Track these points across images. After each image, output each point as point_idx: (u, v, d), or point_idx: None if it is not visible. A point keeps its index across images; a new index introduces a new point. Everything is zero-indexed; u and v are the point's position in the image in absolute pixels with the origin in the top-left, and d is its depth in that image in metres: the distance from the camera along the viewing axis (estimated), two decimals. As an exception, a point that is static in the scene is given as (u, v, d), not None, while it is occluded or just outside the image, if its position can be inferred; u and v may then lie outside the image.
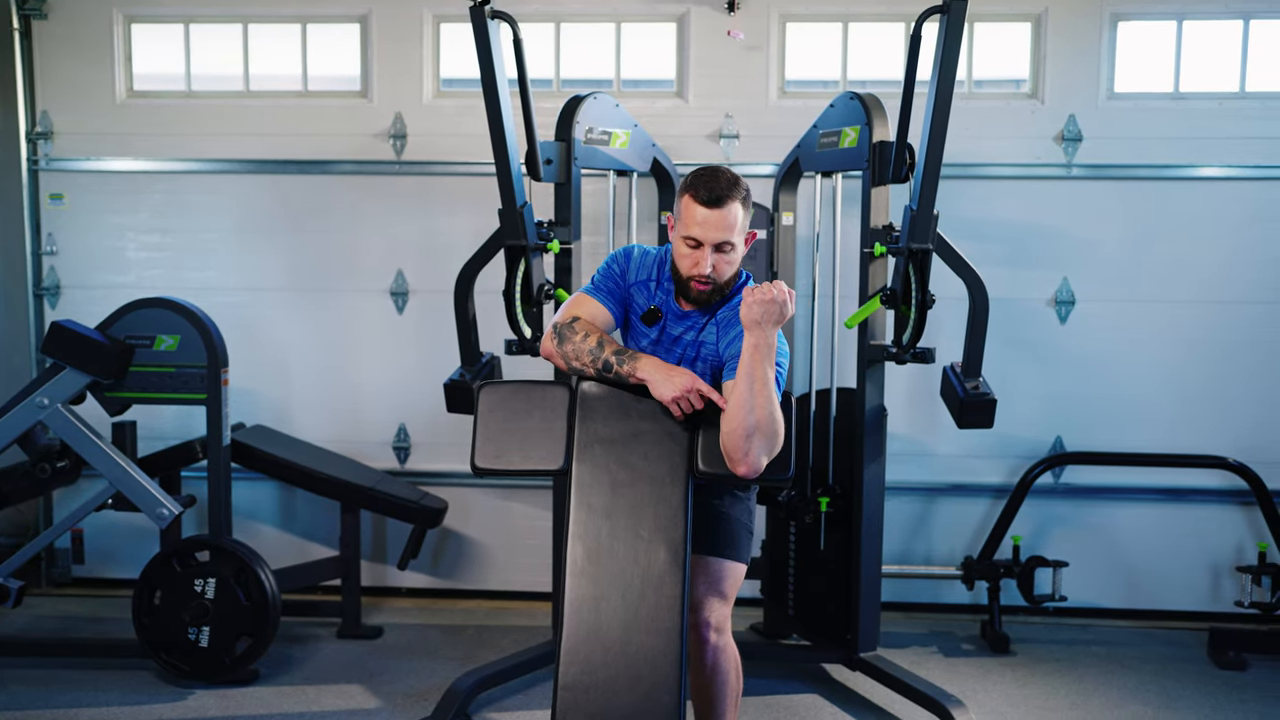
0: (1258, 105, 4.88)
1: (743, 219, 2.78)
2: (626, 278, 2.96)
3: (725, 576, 2.94)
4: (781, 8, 4.97)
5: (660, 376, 2.73)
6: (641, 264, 2.96)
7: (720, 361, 2.87)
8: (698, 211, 2.74)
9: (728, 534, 2.96)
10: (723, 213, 2.73)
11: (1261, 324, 4.91)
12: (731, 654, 2.94)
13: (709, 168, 2.81)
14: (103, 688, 4.10)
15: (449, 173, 5.06)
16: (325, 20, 5.14)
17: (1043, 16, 4.91)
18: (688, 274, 2.81)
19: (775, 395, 2.66)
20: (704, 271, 2.77)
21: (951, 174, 4.43)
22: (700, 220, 2.74)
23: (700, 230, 2.75)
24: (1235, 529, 4.97)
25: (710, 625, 2.89)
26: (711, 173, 2.78)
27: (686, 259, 2.80)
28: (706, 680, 2.92)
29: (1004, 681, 4.30)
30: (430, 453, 5.16)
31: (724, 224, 2.74)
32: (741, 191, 2.77)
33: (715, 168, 2.80)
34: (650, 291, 2.94)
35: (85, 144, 5.18)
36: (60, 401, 4.10)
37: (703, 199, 2.74)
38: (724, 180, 2.76)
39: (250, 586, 4.10)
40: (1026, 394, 4.89)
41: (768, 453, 2.67)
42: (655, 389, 2.72)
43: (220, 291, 5.06)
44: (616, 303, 2.94)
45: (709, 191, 2.74)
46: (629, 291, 2.96)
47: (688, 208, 2.76)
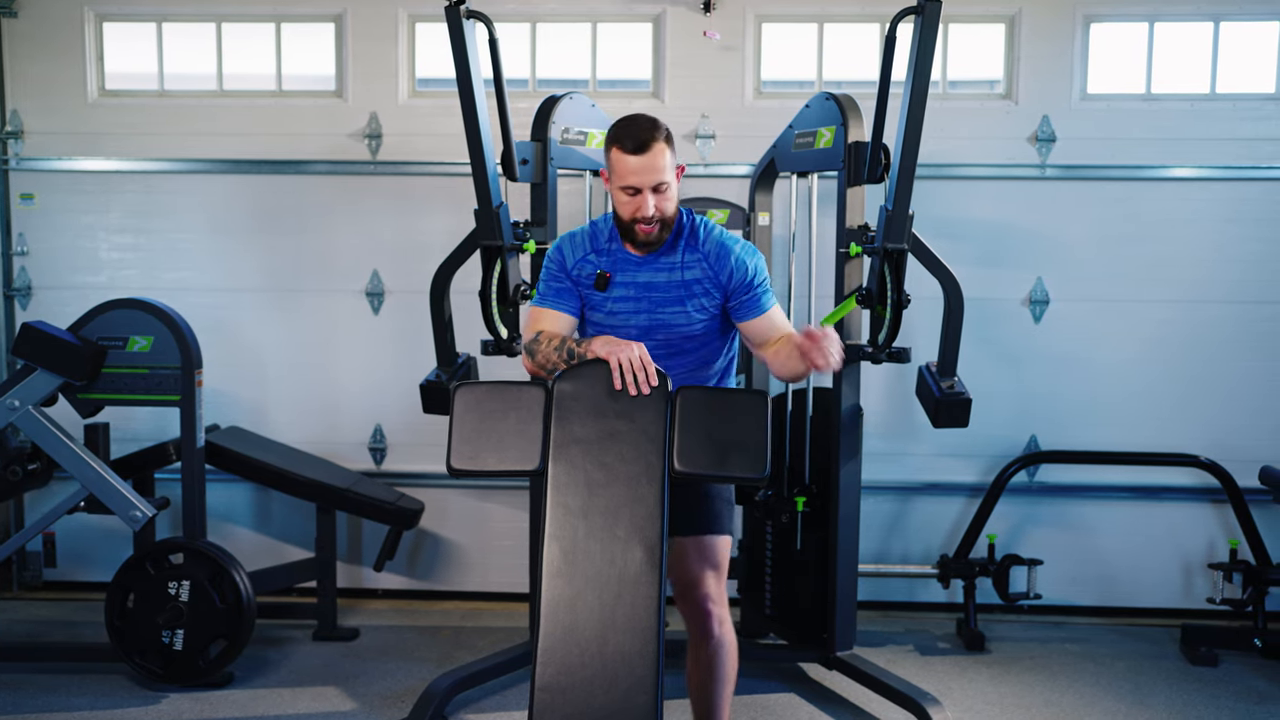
0: (1228, 107, 4.93)
1: (669, 157, 2.88)
2: (566, 268, 3.04)
3: (716, 550, 3.04)
4: (757, 8, 4.98)
5: (605, 341, 2.80)
6: (573, 246, 3.05)
7: (725, 294, 2.98)
8: (629, 160, 2.85)
9: (710, 511, 3.05)
10: (651, 156, 2.85)
11: (1233, 323, 4.95)
12: (729, 625, 3.03)
13: (627, 117, 2.92)
14: (75, 692, 4.07)
15: (425, 173, 5.05)
16: (299, 19, 5.12)
17: (1016, 18, 4.94)
18: (632, 218, 2.91)
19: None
20: (648, 214, 2.88)
21: (926, 174, 4.45)
22: (633, 169, 2.85)
23: (635, 178, 2.86)
24: (1207, 526, 5.01)
25: (710, 598, 2.99)
26: (630, 120, 2.89)
27: (628, 205, 2.90)
28: (711, 653, 3.00)
29: (980, 679, 4.32)
30: (406, 454, 5.15)
31: (655, 166, 2.85)
32: (663, 131, 2.89)
33: (633, 116, 2.92)
34: (594, 263, 3.02)
35: (56, 143, 5.14)
36: (31, 403, 4.07)
37: (630, 148, 2.85)
38: (645, 125, 2.87)
39: (225, 589, 4.08)
40: (1001, 393, 4.92)
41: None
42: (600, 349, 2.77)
43: (194, 292, 5.03)
44: (568, 298, 3.03)
45: (633, 140, 2.85)
46: (575, 279, 3.03)
47: (618, 160, 2.87)
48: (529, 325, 3.06)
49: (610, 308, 3.01)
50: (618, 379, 2.71)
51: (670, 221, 2.95)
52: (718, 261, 2.97)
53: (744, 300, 2.99)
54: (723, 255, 2.98)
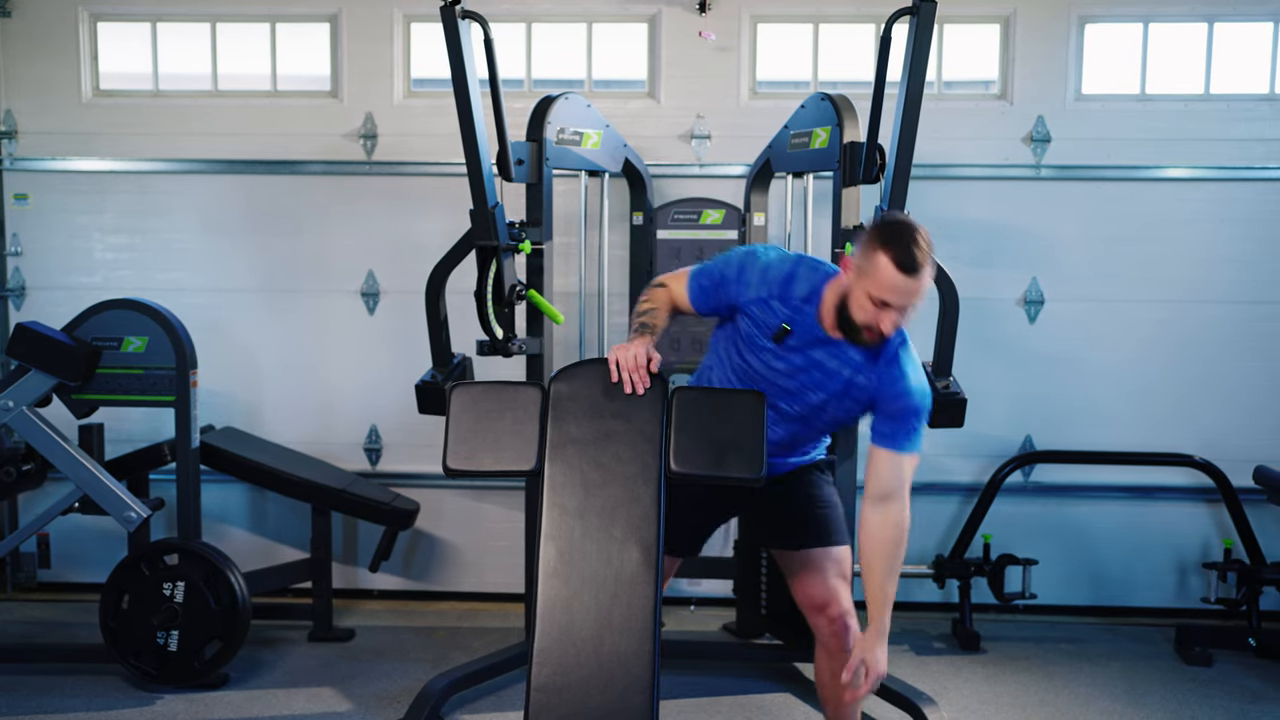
0: (1222, 107, 4.94)
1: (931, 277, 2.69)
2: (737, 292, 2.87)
3: (845, 561, 3.04)
4: (752, 9, 4.98)
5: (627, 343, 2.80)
6: (762, 281, 2.85)
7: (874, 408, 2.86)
8: (894, 276, 2.61)
9: (835, 520, 3.06)
10: (920, 279, 2.63)
11: (1228, 324, 4.96)
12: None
13: (905, 226, 2.66)
14: (69, 693, 4.06)
15: (420, 173, 5.04)
16: (294, 19, 5.11)
17: (1011, 18, 4.94)
18: (864, 324, 2.70)
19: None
20: (886, 330, 2.70)
21: (922, 174, 4.45)
22: (894, 286, 2.62)
23: (895, 296, 2.64)
24: (1201, 526, 5.02)
25: (848, 613, 2.99)
26: (909, 235, 2.64)
27: (867, 312, 2.68)
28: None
29: (975, 679, 4.33)
30: (402, 454, 5.14)
31: (918, 290, 2.65)
32: (934, 253, 2.68)
33: (911, 227, 2.66)
34: (773, 309, 2.84)
35: (51, 143, 5.12)
36: (25, 404, 4.06)
37: (902, 263, 2.61)
38: (923, 244, 2.64)
39: (220, 590, 4.07)
40: (996, 393, 4.93)
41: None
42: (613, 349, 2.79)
43: (189, 292, 5.02)
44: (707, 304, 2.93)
45: (909, 257, 2.61)
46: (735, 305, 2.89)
47: (882, 268, 2.62)
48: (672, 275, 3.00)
49: (767, 359, 2.88)
50: (614, 373, 2.73)
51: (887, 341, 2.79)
52: (887, 382, 2.82)
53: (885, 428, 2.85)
54: (895, 378, 2.81)
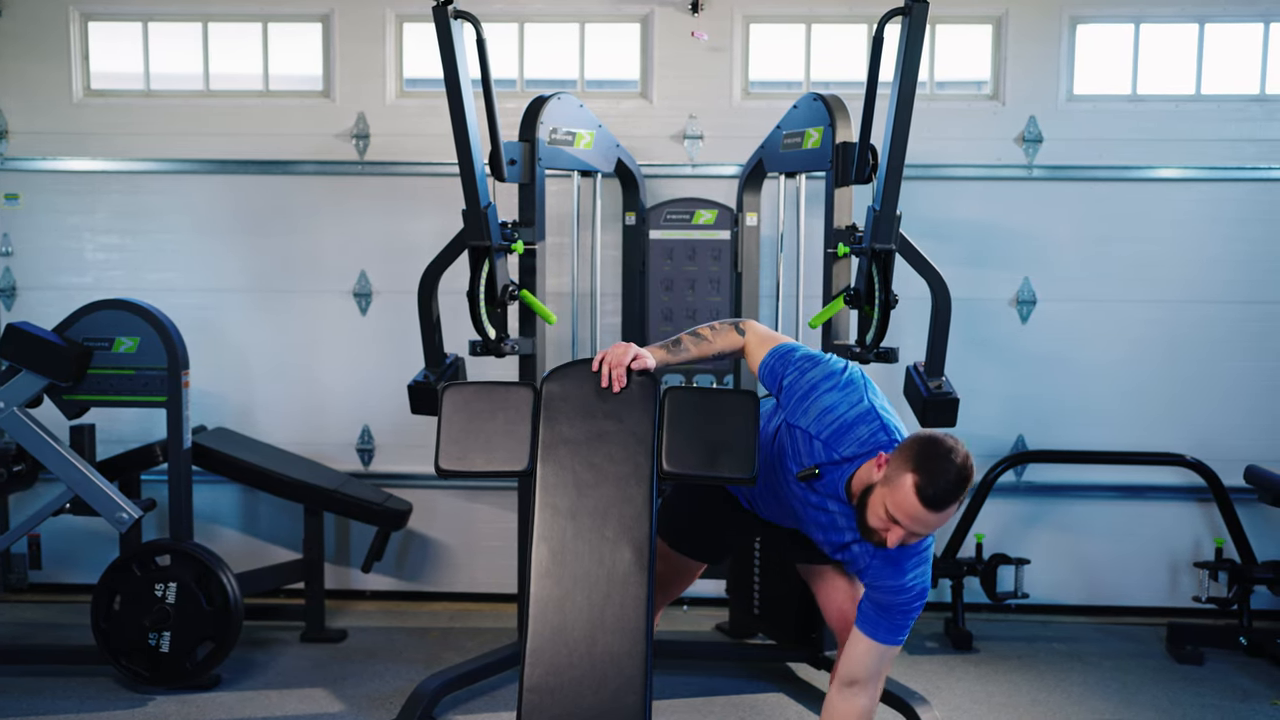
0: (1213, 107, 4.95)
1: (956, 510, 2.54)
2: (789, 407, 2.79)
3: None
4: (745, 9, 4.99)
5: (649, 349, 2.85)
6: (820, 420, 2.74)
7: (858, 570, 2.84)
8: (913, 504, 2.48)
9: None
10: (941, 515, 2.50)
11: (1219, 324, 4.98)
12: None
13: (942, 453, 2.47)
14: (60, 695, 4.05)
15: (412, 173, 5.04)
16: (286, 19, 5.10)
17: (1003, 19, 4.95)
18: (874, 528, 2.61)
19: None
20: (890, 545, 2.59)
21: (914, 175, 4.45)
22: (911, 513, 2.49)
23: (908, 522, 2.52)
24: (1193, 525, 5.04)
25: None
26: (944, 465, 2.46)
27: (880, 520, 2.58)
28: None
29: (967, 678, 4.33)
30: (394, 454, 5.13)
31: (935, 523, 2.53)
32: (967, 487, 2.49)
33: (948, 456, 2.47)
34: (814, 449, 2.75)
35: (42, 143, 5.11)
36: (16, 405, 4.05)
37: (926, 496, 2.46)
38: (956, 481, 2.46)
39: (212, 591, 4.06)
40: (989, 393, 4.93)
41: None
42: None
43: (181, 293, 5.01)
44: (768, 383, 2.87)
45: (935, 491, 2.46)
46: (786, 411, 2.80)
47: (904, 490, 2.48)
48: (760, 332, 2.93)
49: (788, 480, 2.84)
50: (596, 365, 2.77)
51: None
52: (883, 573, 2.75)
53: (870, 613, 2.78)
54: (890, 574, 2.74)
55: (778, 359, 2.86)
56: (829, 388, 2.76)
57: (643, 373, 2.80)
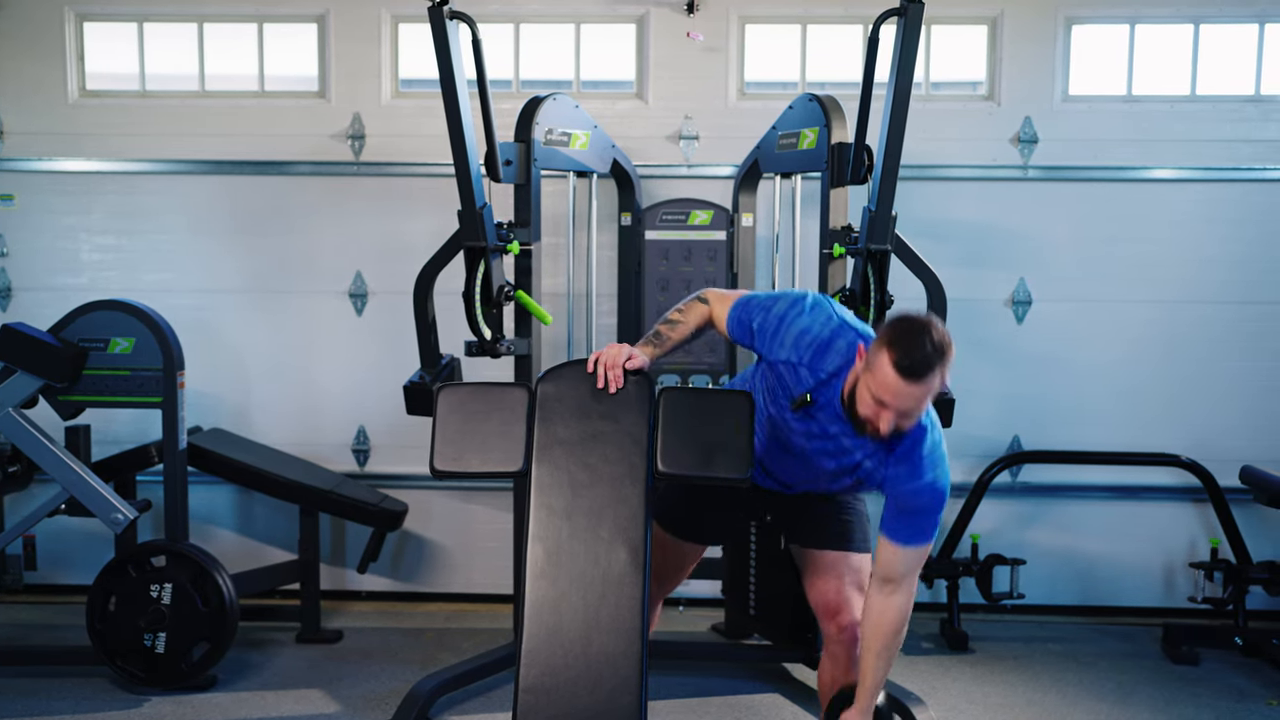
0: (1208, 108, 4.96)
1: (939, 383, 2.51)
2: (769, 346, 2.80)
3: (864, 570, 3.00)
4: (741, 9, 4.99)
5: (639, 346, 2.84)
6: (796, 346, 2.75)
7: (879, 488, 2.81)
8: (892, 379, 2.48)
9: (857, 527, 3.04)
10: (919, 386, 2.48)
11: (1214, 324, 4.98)
12: None
13: (915, 327, 2.50)
14: (56, 696, 4.04)
15: (408, 174, 5.04)
16: (282, 20, 5.10)
17: (999, 19, 4.96)
18: (864, 418, 2.60)
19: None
20: (883, 430, 2.58)
21: (910, 175, 4.46)
22: (892, 388, 2.49)
23: (892, 399, 2.51)
24: (1188, 526, 5.04)
25: (858, 623, 2.92)
26: (918, 337, 2.48)
27: (868, 407, 2.57)
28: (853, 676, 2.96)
29: (963, 679, 4.34)
30: (390, 455, 5.13)
31: (918, 397, 2.51)
32: (945, 359, 2.49)
33: (922, 329, 2.49)
34: (800, 377, 2.76)
35: (37, 144, 5.10)
36: (11, 405, 4.04)
37: (904, 369, 2.47)
38: (931, 349, 2.47)
39: (207, 591, 4.06)
40: (984, 393, 4.93)
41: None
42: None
43: (176, 293, 5.01)
44: (740, 336, 2.88)
45: (910, 362, 2.46)
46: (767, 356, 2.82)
47: (882, 367, 2.49)
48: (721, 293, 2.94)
49: (786, 417, 2.83)
50: (591, 366, 2.77)
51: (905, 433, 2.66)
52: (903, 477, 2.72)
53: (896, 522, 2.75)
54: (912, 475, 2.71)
55: (741, 308, 2.90)
56: (796, 314, 2.79)
57: (637, 372, 2.80)
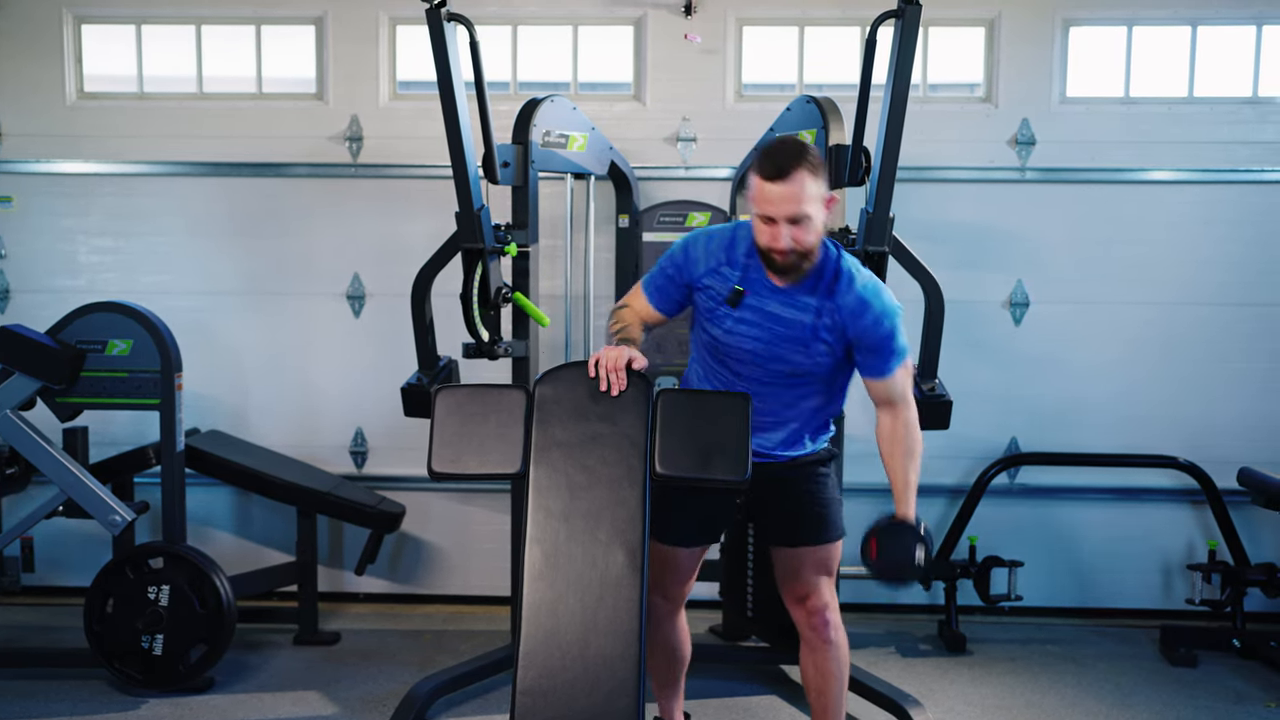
0: (1205, 110, 4.96)
1: (813, 186, 2.69)
2: (689, 272, 2.92)
3: (832, 558, 3.07)
4: (738, 11, 4.99)
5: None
6: (707, 252, 2.91)
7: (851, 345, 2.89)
8: (765, 188, 2.69)
9: (821, 518, 3.07)
10: (789, 185, 2.67)
11: (1211, 326, 4.99)
12: (842, 629, 3.05)
13: (775, 140, 2.74)
14: (53, 698, 4.04)
15: (406, 175, 5.04)
16: (280, 22, 5.10)
17: (996, 21, 4.96)
18: (766, 247, 2.77)
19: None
20: (782, 246, 2.73)
21: (907, 177, 4.44)
22: (769, 197, 2.69)
23: (770, 207, 2.69)
24: (1186, 528, 5.04)
25: (830, 607, 3.02)
26: (776, 145, 2.73)
27: (764, 234, 2.75)
28: (830, 658, 3.03)
29: (961, 681, 4.34)
30: (387, 457, 5.13)
31: (792, 196, 2.68)
32: (809, 159, 2.69)
33: (782, 139, 2.73)
34: (724, 275, 2.88)
35: (34, 145, 5.10)
36: (9, 407, 4.04)
37: (768, 174, 2.68)
38: (788, 151, 2.70)
39: (205, 593, 4.06)
40: (982, 395, 4.94)
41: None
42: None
43: (174, 295, 5.00)
44: (671, 298, 2.97)
45: (773, 165, 2.68)
46: (694, 284, 2.92)
47: (756, 185, 2.71)
48: (629, 294, 3.06)
49: (729, 326, 2.90)
50: (592, 369, 2.75)
51: (810, 254, 2.78)
52: (853, 317, 2.84)
53: (869, 361, 2.90)
54: (860, 312, 2.84)
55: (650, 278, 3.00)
56: (695, 236, 2.95)
57: (637, 373, 2.79)
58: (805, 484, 3.08)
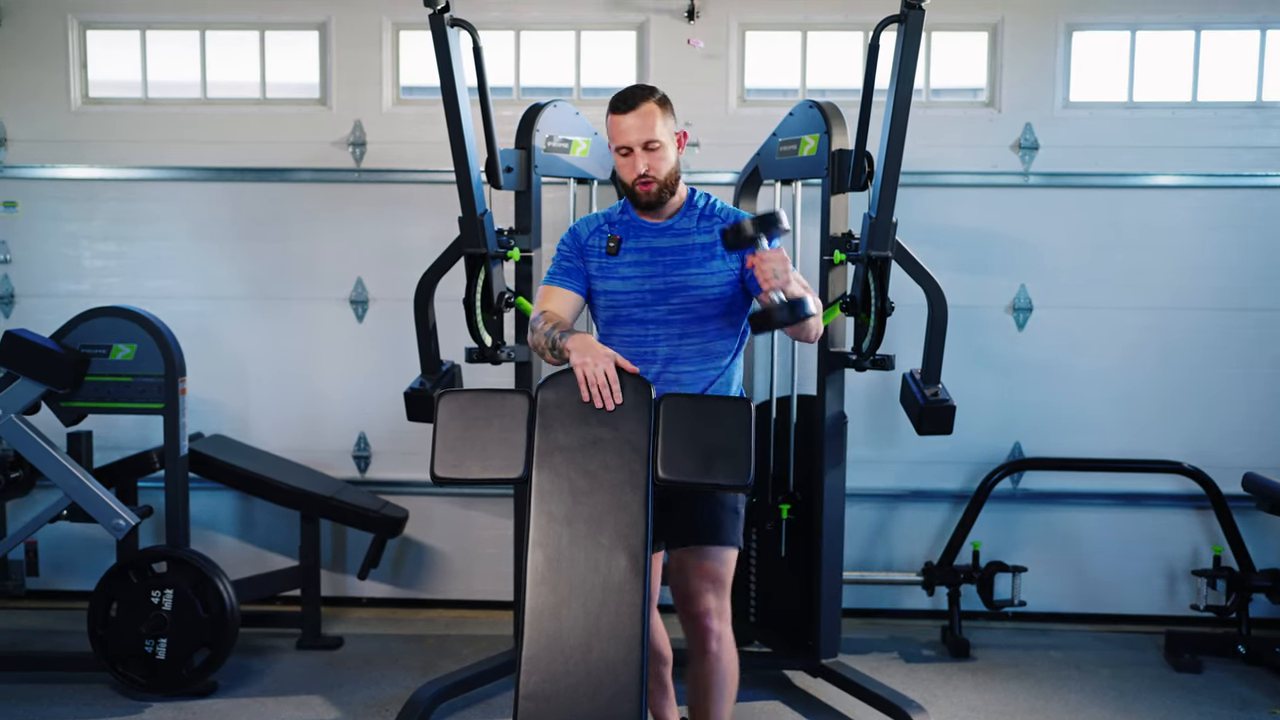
0: (1210, 115, 4.96)
1: (661, 118, 2.90)
2: (579, 244, 3.05)
3: (718, 562, 2.96)
4: (741, 16, 5.00)
5: (579, 346, 2.75)
6: (587, 223, 3.08)
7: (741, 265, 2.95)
8: (618, 120, 2.90)
9: (715, 520, 2.97)
10: (638, 113, 2.88)
11: (1216, 330, 4.98)
12: (730, 642, 2.98)
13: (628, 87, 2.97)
14: (57, 702, 4.05)
15: (409, 180, 5.05)
16: (284, 27, 5.11)
17: (999, 26, 4.96)
18: (630, 181, 2.93)
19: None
20: (640, 171, 2.90)
21: (910, 182, 4.45)
22: (623, 128, 2.89)
23: (624, 137, 2.89)
24: (1190, 533, 5.03)
25: (710, 614, 2.93)
26: (626, 88, 2.96)
27: (625, 167, 2.93)
28: (709, 669, 2.95)
29: (964, 686, 4.33)
30: (390, 461, 5.13)
31: (643, 124, 2.88)
32: (656, 95, 2.92)
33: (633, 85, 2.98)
34: (604, 233, 3.04)
35: (40, 151, 5.12)
36: (13, 412, 4.05)
37: (618, 108, 2.90)
38: (637, 89, 2.94)
39: (208, 597, 4.06)
40: (985, 400, 4.93)
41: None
42: (572, 358, 2.74)
43: (178, 300, 5.01)
44: (575, 276, 3.03)
45: (622, 100, 2.91)
46: (585, 254, 3.04)
47: (611, 123, 2.91)
48: (536, 303, 3.08)
49: (623, 273, 2.97)
50: (584, 392, 2.70)
51: (670, 184, 2.94)
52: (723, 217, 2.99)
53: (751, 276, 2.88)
54: (728, 214, 3.01)
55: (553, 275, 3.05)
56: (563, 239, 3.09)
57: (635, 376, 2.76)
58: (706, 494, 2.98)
